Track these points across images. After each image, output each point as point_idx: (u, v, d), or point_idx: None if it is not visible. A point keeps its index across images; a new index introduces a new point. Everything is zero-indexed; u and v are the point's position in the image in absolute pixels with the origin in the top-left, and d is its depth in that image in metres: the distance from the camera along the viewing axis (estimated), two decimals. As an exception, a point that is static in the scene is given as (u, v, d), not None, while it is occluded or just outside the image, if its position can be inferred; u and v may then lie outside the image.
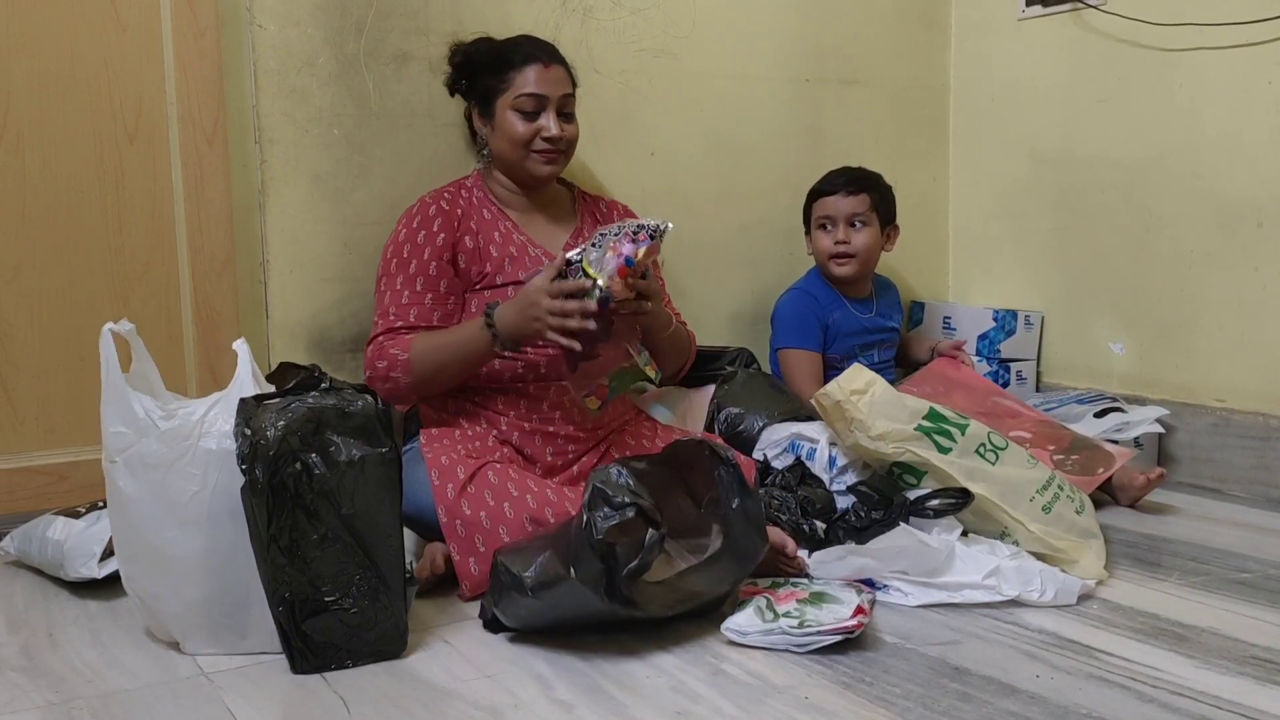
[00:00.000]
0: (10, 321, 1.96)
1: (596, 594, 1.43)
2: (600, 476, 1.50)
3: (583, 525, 1.45)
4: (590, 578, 1.42)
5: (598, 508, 1.46)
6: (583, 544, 1.43)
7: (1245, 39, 2.25)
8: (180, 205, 2.04)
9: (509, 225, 1.99)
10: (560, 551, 1.47)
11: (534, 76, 1.95)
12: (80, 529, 1.74)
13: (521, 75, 1.94)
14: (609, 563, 1.42)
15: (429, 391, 1.90)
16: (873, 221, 2.40)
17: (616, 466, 1.53)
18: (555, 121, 1.95)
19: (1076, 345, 2.63)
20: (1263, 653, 1.47)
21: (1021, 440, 2.09)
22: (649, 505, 1.47)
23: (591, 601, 1.44)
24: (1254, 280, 2.29)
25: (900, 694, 1.36)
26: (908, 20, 2.78)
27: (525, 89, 1.94)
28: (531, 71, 1.95)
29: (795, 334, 2.39)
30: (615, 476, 1.50)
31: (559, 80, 1.97)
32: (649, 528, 1.45)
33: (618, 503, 1.46)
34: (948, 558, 1.66)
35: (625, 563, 1.43)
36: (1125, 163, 2.49)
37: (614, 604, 1.44)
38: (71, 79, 1.96)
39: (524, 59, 1.96)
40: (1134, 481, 2.13)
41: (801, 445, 1.93)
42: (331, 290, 2.13)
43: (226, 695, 1.38)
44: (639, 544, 1.44)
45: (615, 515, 1.45)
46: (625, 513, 1.45)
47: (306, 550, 1.42)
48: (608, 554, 1.42)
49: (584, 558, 1.43)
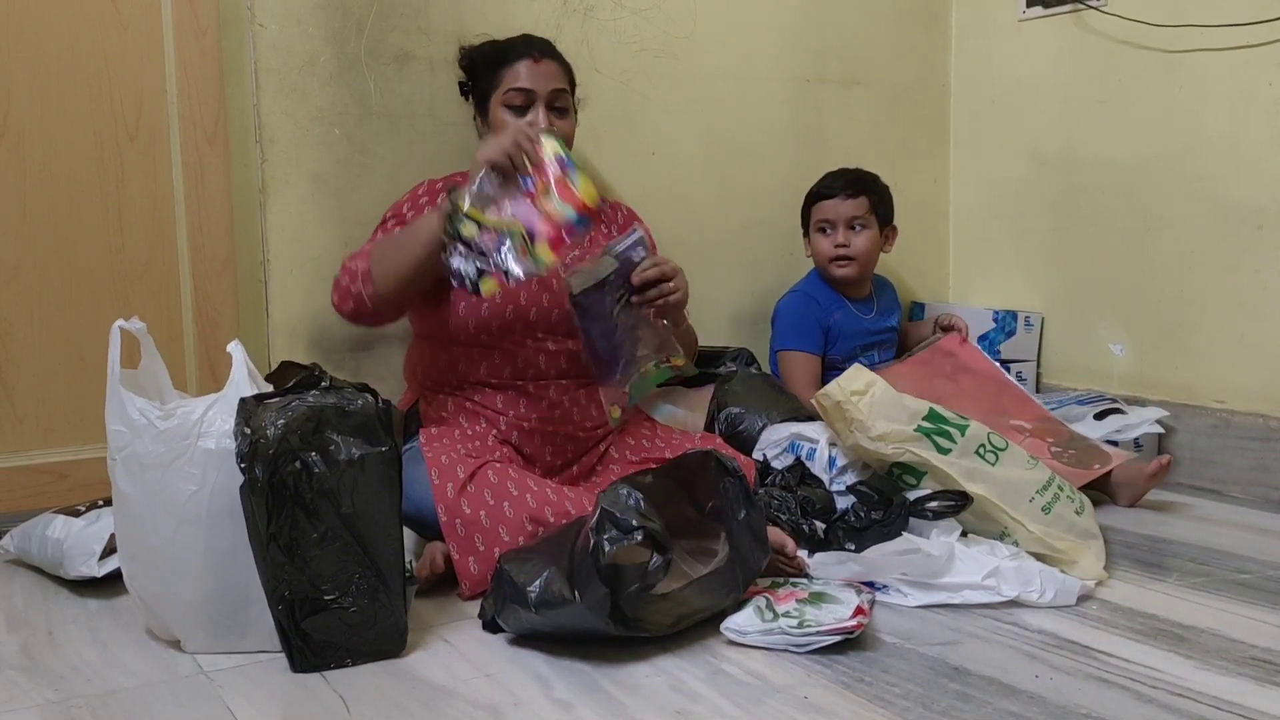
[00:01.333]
0: (10, 320, 1.96)
1: (600, 618, 1.42)
2: (609, 498, 1.48)
3: (589, 548, 1.43)
4: (595, 602, 1.41)
5: (605, 530, 1.44)
6: (588, 567, 1.42)
7: (1246, 40, 2.26)
8: (181, 204, 2.04)
9: None
10: (565, 569, 1.45)
11: (524, 71, 1.94)
12: (80, 527, 1.74)
13: (511, 71, 1.94)
14: (614, 585, 1.41)
15: (393, 299, 1.79)
16: (871, 223, 2.41)
17: (625, 486, 1.51)
18: (544, 116, 1.93)
19: (1076, 346, 2.64)
20: (1262, 654, 1.47)
21: (1021, 429, 2.10)
22: (657, 529, 1.45)
23: (595, 623, 1.43)
24: (1254, 282, 2.29)
25: (900, 694, 1.36)
26: (908, 21, 2.78)
27: (514, 84, 1.94)
28: (522, 67, 1.95)
29: (795, 336, 2.39)
30: (624, 497, 1.49)
31: (550, 75, 1.96)
32: (655, 552, 1.44)
33: (626, 525, 1.44)
34: (947, 558, 1.66)
35: (629, 585, 1.41)
36: (1126, 164, 2.49)
37: (619, 627, 1.43)
38: (72, 78, 1.96)
39: (516, 56, 1.95)
40: (1142, 473, 2.13)
41: (801, 445, 1.93)
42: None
43: (226, 694, 1.38)
44: (644, 567, 1.43)
45: (624, 539, 1.43)
46: (634, 536, 1.43)
47: (306, 549, 1.42)
48: (613, 577, 1.41)
49: (589, 582, 1.41)
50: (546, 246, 1.67)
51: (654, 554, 1.43)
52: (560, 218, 1.67)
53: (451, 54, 2.17)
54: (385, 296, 1.78)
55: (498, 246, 1.65)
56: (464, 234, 1.64)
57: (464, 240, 1.64)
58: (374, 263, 1.78)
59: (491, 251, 1.64)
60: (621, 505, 1.47)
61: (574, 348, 1.94)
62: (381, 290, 1.77)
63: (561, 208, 1.67)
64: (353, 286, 1.79)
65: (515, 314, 1.89)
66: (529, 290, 1.90)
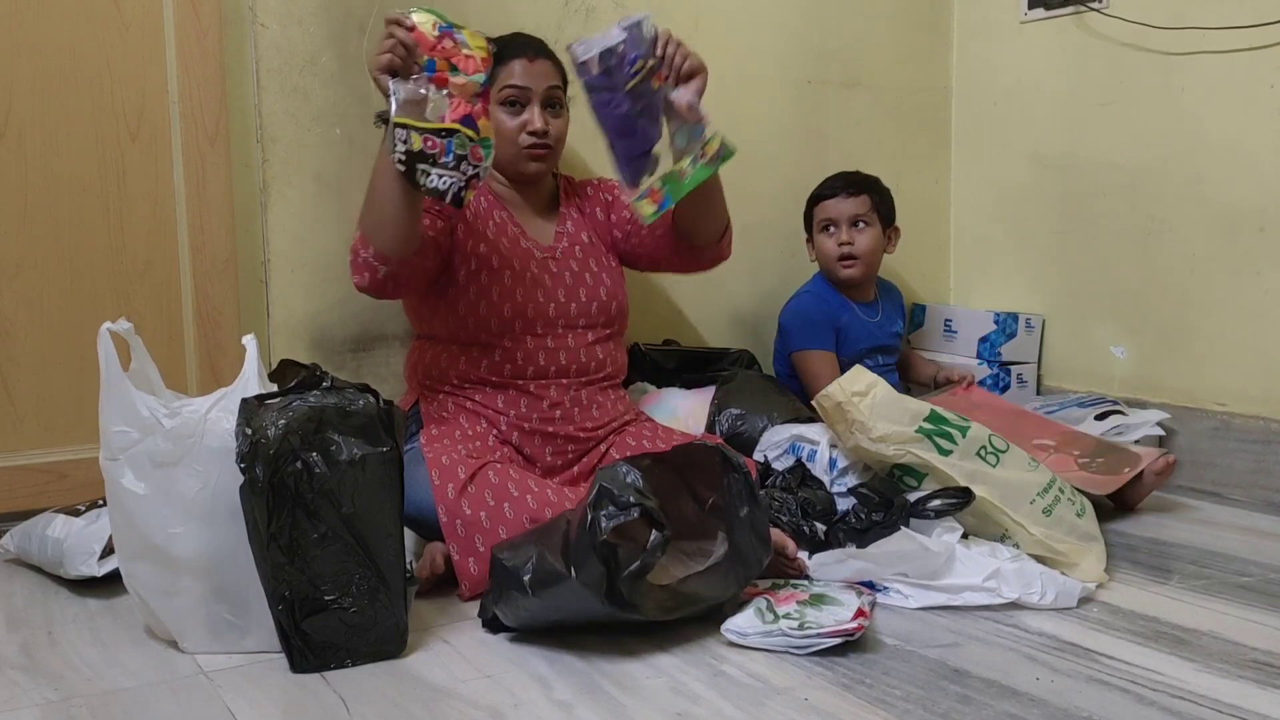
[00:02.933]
0: (11, 319, 1.96)
1: (596, 596, 1.42)
2: (607, 475, 1.49)
3: (586, 525, 1.44)
4: (591, 579, 1.42)
5: (603, 507, 1.44)
6: (585, 544, 1.43)
7: (1248, 43, 2.25)
8: (182, 204, 2.04)
9: (504, 216, 1.99)
10: (559, 547, 1.46)
11: (518, 69, 1.94)
12: (80, 527, 1.74)
13: (506, 69, 1.94)
14: (610, 565, 1.42)
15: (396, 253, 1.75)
16: (874, 222, 2.41)
17: (625, 465, 1.51)
18: (540, 115, 1.94)
19: (1078, 349, 2.63)
20: (1263, 656, 1.47)
21: (1045, 447, 2.09)
22: (655, 506, 1.46)
23: (591, 603, 1.44)
24: (1255, 284, 2.29)
25: (900, 696, 1.36)
26: (910, 23, 2.78)
27: (509, 81, 1.94)
28: (517, 65, 1.95)
29: (810, 336, 2.39)
30: (623, 475, 1.49)
31: (544, 73, 1.97)
32: (653, 529, 1.45)
33: (623, 502, 1.44)
34: (948, 560, 1.66)
35: (627, 565, 1.42)
36: (1127, 166, 2.49)
37: (613, 606, 1.43)
38: (74, 78, 1.96)
39: (511, 54, 1.95)
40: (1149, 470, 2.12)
41: (802, 447, 1.93)
42: (333, 290, 2.13)
43: (226, 694, 1.38)
44: (642, 546, 1.43)
45: (620, 515, 1.43)
46: (630, 513, 1.44)
47: (306, 549, 1.42)
48: (610, 555, 1.42)
49: (586, 559, 1.42)
50: (485, 121, 1.66)
51: (652, 531, 1.43)
52: (478, 83, 1.65)
53: (453, 54, 2.18)
54: (388, 252, 1.74)
55: (448, 151, 1.62)
56: (414, 148, 1.61)
57: (415, 155, 1.61)
58: (362, 223, 1.76)
59: (442, 156, 1.61)
60: (620, 483, 1.47)
61: (574, 344, 1.94)
62: (381, 246, 1.74)
63: (473, 78, 1.65)
64: (359, 256, 1.77)
65: (513, 311, 1.89)
66: (524, 287, 1.91)
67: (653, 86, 1.72)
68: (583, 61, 1.68)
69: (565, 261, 1.99)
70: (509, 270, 1.92)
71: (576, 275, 1.98)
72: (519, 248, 1.96)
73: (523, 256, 1.94)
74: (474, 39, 1.67)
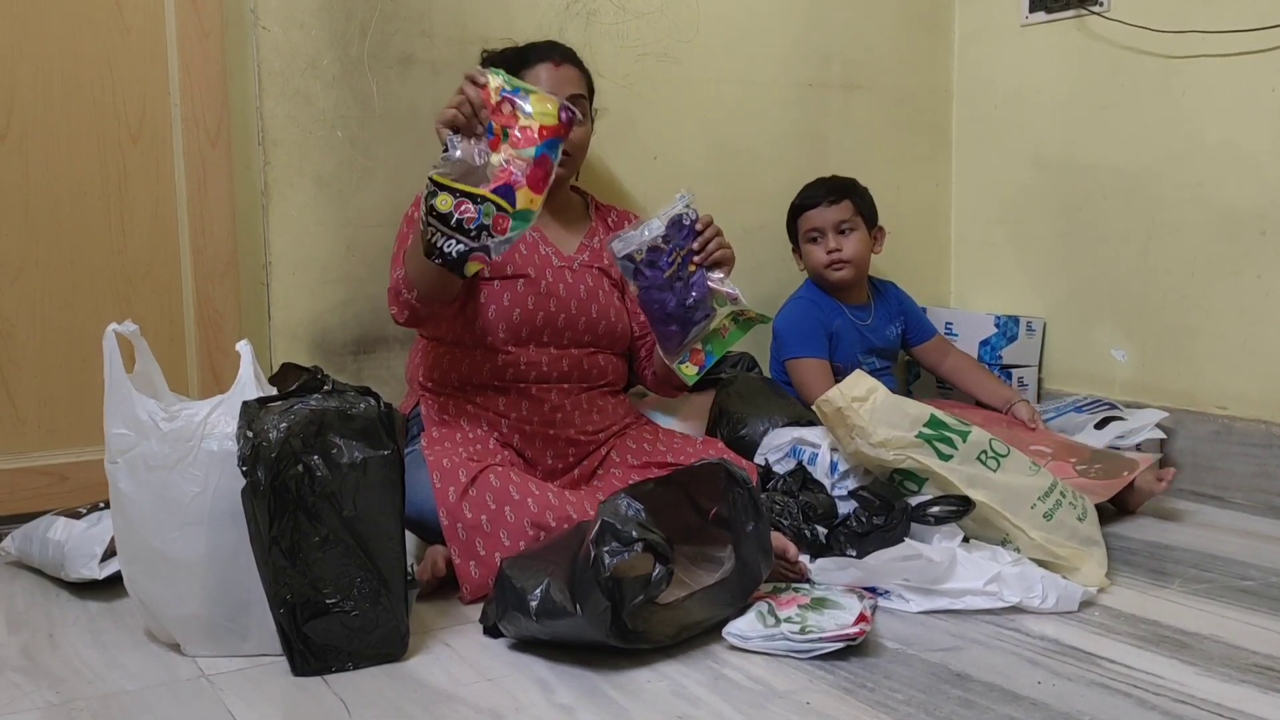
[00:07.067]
0: (12, 321, 1.96)
1: (601, 630, 1.41)
2: (609, 509, 1.47)
3: (590, 561, 1.42)
4: (596, 615, 1.41)
5: (606, 543, 1.43)
6: (589, 580, 1.41)
7: (1248, 46, 2.26)
8: (183, 207, 2.04)
9: None
10: (566, 577, 1.45)
11: (544, 75, 1.94)
12: (81, 530, 1.74)
13: (532, 73, 1.94)
14: (615, 598, 1.40)
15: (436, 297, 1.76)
16: (859, 225, 2.41)
17: (625, 498, 1.50)
18: None
19: (1078, 351, 2.63)
20: (1265, 660, 1.47)
21: (1041, 454, 2.09)
22: (659, 540, 1.44)
23: (596, 635, 1.42)
24: (1256, 288, 2.29)
25: (902, 700, 1.36)
26: (911, 26, 2.78)
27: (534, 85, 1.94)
28: (542, 70, 1.95)
29: (802, 343, 2.39)
30: (624, 509, 1.48)
31: (569, 80, 1.96)
32: (658, 563, 1.44)
33: (626, 537, 1.43)
34: (949, 565, 1.66)
35: (632, 598, 1.41)
36: (1128, 169, 2.49)
37: (620, 639, 1.42)
38: (75, 80, 1.96)
39: (537, 58, 1.96)
40: (1153, 487, 2.12)
41: (803, 450, 1.92)
42: (334, 292, 2.13)
43: (227, 697, 1.38)
44: (646, 578, 1.42)
45: (624, 552, 1.42)
46: (634, 549, 1.42)
47: (308, 552, 1.42)
48: (614, 590, 1.40)
49: (590, 594, 1.41)
50: (527, 192, 1.64)
51: (656, 564, 1.43)
52: (527, 157, 1.63)
53: (454, 57, 2.18)
54: (431, 298, 1.76)
55: (476, 219, 1.60)
56: (439, 209, 1.60)
57: (439, 215, 1.60)
58: (407, 266, 1.77)
59: (469, 223, 1.60)
60: (621, 517, 1.46)
61: (578, 353, 1.94)
62: (424, 293, 1.75)
63: (522, 152, 1.63)
64: (401, 295, 1.78)
65: (522, 318, 1.89)
66: (537, 295, 1.90)
67: (689, 270, 1.76)
68: (624, 255, 1.72)
69: (582, 275, 1.98)
70: (523, 277, 1.91)
71: (590, 291, 1.97)
72: (537, 253, 1.95)
73: (539, 264, 1.94)
74: (540, 104, 1.65)
